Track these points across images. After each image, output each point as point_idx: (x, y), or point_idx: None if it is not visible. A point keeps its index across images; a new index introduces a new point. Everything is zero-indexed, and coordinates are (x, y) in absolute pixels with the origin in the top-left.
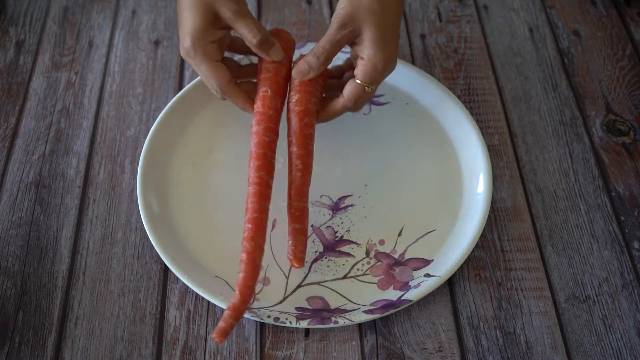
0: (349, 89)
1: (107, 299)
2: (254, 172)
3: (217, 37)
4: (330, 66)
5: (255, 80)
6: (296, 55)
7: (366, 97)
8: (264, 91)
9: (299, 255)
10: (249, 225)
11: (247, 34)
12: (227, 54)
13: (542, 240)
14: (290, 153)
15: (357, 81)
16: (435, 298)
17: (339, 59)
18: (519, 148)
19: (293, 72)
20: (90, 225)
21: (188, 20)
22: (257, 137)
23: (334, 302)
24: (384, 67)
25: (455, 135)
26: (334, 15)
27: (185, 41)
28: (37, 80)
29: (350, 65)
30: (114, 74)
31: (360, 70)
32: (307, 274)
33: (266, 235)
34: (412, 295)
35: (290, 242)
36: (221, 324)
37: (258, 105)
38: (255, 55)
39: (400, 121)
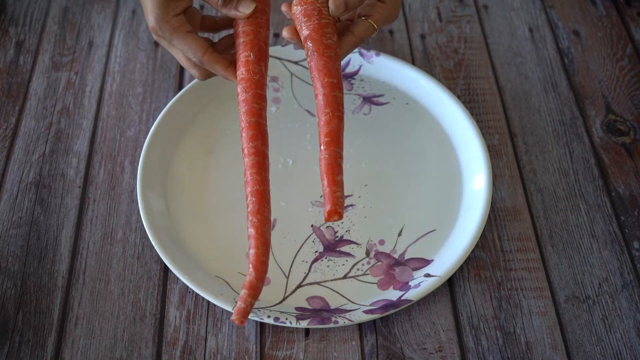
0: (362, 30)
1: (107, 299)
2: (249, 143)
3: (180, 8)
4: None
5: (233, 52)
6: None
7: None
8: (246, 56)
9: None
10: (253, 199)
11: None
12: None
13: (542, 240)
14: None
15: (373, 23)
16: (435, 298)
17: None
18: (519, 148)
19: (330, 6)
20: (90, 225)
21: None
22: (247, 104)
23: (334, 302)
24: (395, 18)
25: (455, 135)
26: None
27: (150, 20)
28: (37, 80)
29: None
30: (114, 74)
31: (379, 13)
32: (307, 274)
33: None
34: (412, 295)
35: (337, 192)
36: (240, 304)
37: (242, 71)
38: (227, 27)
39: (400, 121)
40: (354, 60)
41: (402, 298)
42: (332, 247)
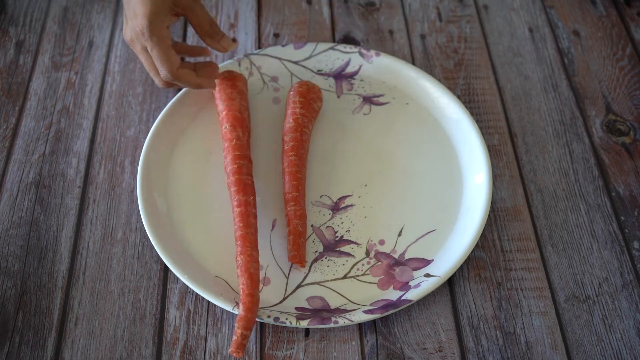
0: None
1: (107, 299)
2: (234, 196)
3: (170, 22)
4: (331, 68)
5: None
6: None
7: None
8: (224, 129)
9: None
10: (239, 242)
11: (204, 20)
12: None
13: (542, 240)
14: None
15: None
16: (435, 298)
17: (339, 59)
18: (519, 148)
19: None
20: (90, 225)
21: (146, 2)
22: (229, 166)
23: (334, 302)
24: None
25: (455, 135)
26: None
27: (141, 23)
28: (37, 80)
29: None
30: (114, 74)
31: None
32: (307, 274)
33: (265, 238)
34: (412, 295)
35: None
36: (235, 337)
37: (223, 141)
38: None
39: (400, 121)
40: (354, 60)
41: (402, 298)
42: (332, 247)
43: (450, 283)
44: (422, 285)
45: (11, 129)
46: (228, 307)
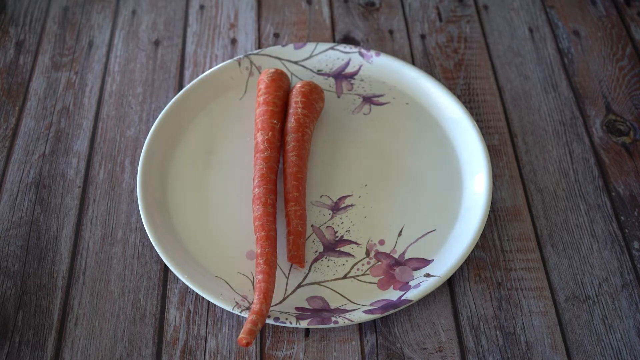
0: None
1: (107, 299)
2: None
3: None
4: (331, 68)
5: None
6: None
7: None
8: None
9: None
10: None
11: None
12: None
13: (542, 240)
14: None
15: None
16: (435, 298)
17: (339, 59)
18: (519, 148)
19: None
20: (90, 225)
21: None
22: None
23: (334, 302)
24: None
25: (455, 135)
26: None
27: None
28: (37, 80)
29: None
30: (114, 74)
31: None
32: (307, 274)
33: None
34: (412, 295)
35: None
36: (251, 326)
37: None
38: None
39: (400, 121)
40: (354, 60)
41: (402, 298)
42: (332, 247)
43: (450, 283)
44: (422, 285)
45: (11, 129)
46: (228, 307)
